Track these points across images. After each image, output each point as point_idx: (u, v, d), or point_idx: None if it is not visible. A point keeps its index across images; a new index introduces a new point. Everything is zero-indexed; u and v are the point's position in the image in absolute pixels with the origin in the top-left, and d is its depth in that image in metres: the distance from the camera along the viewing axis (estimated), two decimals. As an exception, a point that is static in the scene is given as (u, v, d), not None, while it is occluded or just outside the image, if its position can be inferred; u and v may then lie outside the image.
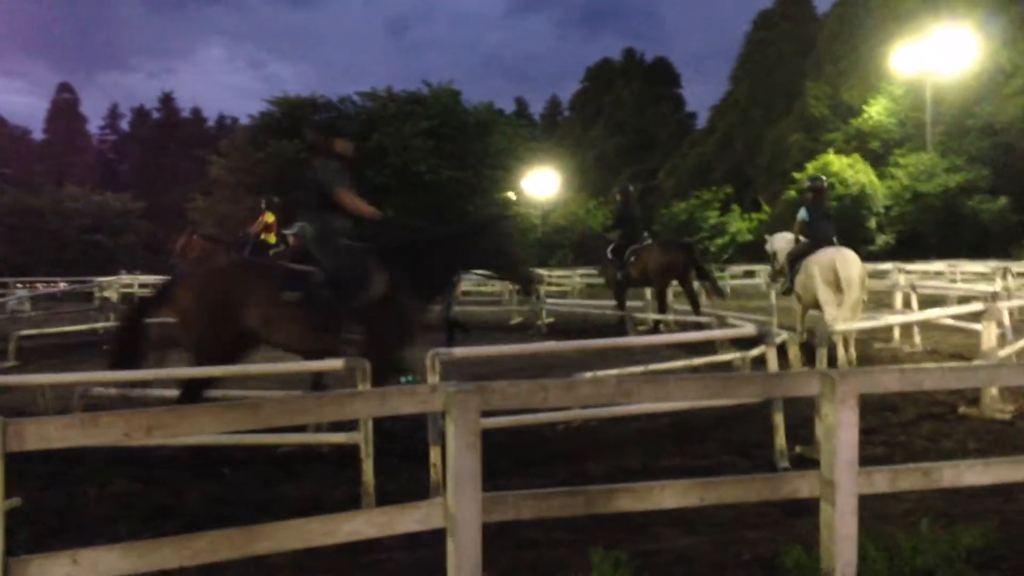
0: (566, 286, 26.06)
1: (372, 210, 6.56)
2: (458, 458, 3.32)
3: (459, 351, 5.87)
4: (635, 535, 4.51)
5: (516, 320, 17.76)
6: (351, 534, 3.33)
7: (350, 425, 5.47)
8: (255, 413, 3.27)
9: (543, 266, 33.09)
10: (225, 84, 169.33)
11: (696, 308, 13.79)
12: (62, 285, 26.51)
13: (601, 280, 22.92)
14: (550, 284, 26.68)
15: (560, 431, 7.02)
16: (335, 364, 5.67)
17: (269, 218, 15.58)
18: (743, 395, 4.51)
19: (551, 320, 16.44)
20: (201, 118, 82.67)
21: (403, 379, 9.34)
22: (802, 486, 3.74)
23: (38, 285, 28.99)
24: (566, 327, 16.16)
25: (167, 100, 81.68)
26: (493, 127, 44.06)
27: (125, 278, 23.29)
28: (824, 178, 12.58)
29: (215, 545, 3.15)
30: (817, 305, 10.25)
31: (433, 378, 5.39)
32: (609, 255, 14.37)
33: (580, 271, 27.76)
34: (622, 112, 68.88)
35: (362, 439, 5.19)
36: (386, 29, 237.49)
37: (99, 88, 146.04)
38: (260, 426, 3.39)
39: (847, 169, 39.38)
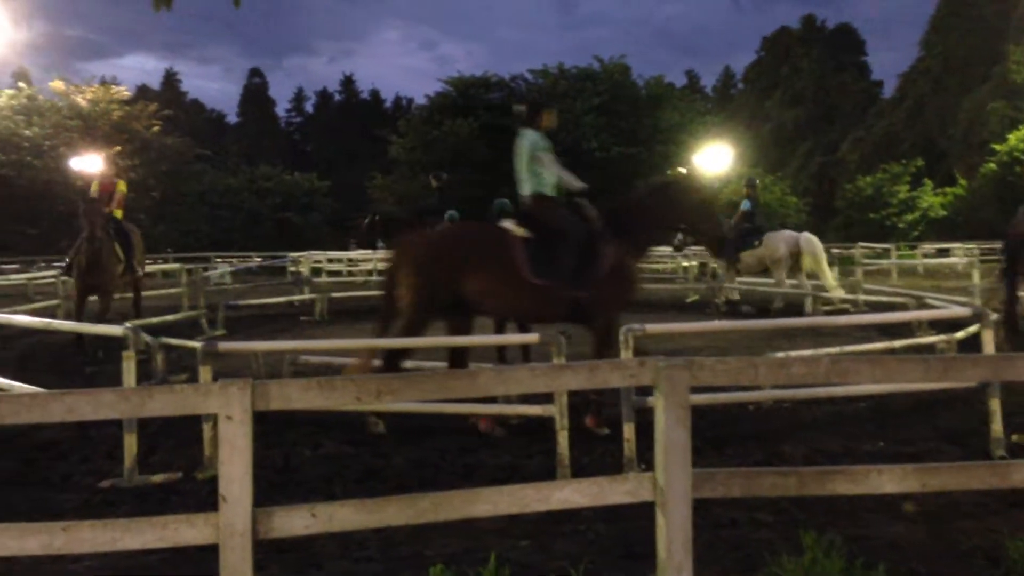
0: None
1: None
2: (668, 433, 3.31)
3: (651, 327, 5.82)
4: (840, 520, 4.37)
5: (692, 298, 17.46)
6: (562, 502, 3.40)
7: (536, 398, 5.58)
8: (473, 381, 3.39)
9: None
10: (400, 65, 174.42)
11: None
12: (257, 260, 28.23)
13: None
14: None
15: (750, 411, 6.89)
16: (531, 338, 5.79)
17: (122, 187, 12.33)
18: (968, 378, 4.25)
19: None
20: (379, 99, 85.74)
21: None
22: (1035, 476, 3.50)
23: (234, 260, 30.98)
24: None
25: (348, 82, 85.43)
26: (664, 102, 43.33)
27: (316, 254, 24.63)
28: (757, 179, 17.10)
29: (437, 506, 3.30)
30: (758, 271, 14.72)
31: (627, 354, 5.38)
32: None
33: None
34: (801, 82, 65.69)
35: (557, 412, 5.28)
36: (555, 5, 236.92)
37: (285, 72, 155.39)
38: (478, 394, 3.51)
39: (1053, 139, 36.10)
